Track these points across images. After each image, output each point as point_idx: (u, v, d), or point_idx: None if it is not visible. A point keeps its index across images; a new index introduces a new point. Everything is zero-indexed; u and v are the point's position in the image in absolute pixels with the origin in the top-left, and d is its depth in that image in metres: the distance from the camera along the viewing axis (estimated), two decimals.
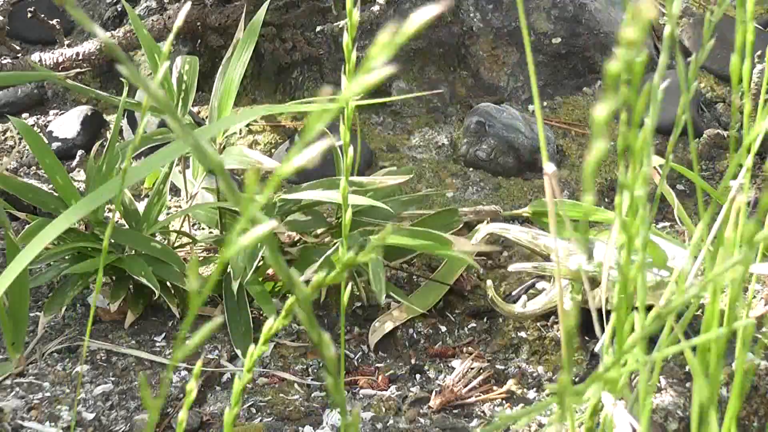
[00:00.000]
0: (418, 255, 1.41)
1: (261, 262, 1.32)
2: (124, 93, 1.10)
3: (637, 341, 0.45)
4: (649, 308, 1.24)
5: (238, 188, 0.35)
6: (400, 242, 1.27)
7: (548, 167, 0.65)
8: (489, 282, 1.28)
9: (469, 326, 1.35)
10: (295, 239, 1.39)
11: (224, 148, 1.33)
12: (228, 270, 1.27)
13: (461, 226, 1.39)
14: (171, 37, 0.72)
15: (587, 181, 0.33)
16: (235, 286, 1.25)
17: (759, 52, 1.83)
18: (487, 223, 1.41)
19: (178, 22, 0.70)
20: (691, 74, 0.59)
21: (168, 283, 1.28)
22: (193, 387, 0.50)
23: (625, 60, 0.31)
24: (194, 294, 0.34)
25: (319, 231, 1.38)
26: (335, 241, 1.33)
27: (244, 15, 1.46)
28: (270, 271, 1.35)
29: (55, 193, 1.30)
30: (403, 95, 1.74)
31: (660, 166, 1.23)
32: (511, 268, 1.24)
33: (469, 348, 1.30)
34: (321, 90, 0.34)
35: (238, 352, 1.25)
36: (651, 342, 0.86)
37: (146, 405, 0.40)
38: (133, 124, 1.70)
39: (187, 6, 0.78)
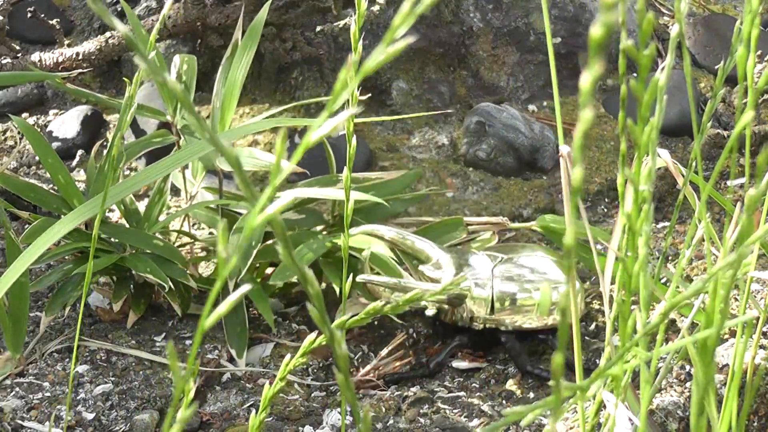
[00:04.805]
0: None
1: (260, 262, 1.32)
2: (127, 95, 1.10)
3: (641, 337, 0.45)
4: (533, 331, 1.21)
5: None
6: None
7: (563, 149, 0.66)
8: (366, 266, 1.25)
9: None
10: None
11: None
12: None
13: (465, 236, 1.36)
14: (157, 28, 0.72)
15: (576, 153, 0.33)
16: (231, 285, 1.24)
17: (759, 52, 1.84)
18: (493, 234, 1.38)
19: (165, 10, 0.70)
20: (718, 82, 0.59)
21: (170, 281, 1.27)
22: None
23: (605, 24, 0.31)
24: (222, 261, 0.34)
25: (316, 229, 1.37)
26: None
27: (242, 15, 1.46)
28: (269, 271, 1.35)
29: (57, 193, 1.30)
30: (404, 96, 1.74)
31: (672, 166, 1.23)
32: (360, 278, 1.16)
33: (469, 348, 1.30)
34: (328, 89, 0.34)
35: (233, 351, 1.25)
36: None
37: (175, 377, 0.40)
38: (133, 125, 1.70)
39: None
